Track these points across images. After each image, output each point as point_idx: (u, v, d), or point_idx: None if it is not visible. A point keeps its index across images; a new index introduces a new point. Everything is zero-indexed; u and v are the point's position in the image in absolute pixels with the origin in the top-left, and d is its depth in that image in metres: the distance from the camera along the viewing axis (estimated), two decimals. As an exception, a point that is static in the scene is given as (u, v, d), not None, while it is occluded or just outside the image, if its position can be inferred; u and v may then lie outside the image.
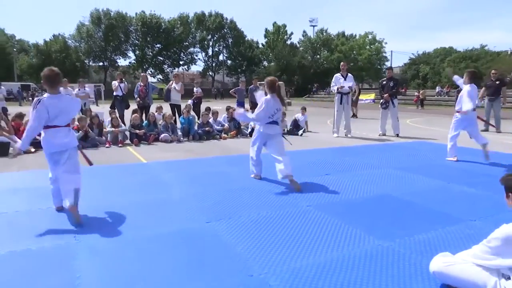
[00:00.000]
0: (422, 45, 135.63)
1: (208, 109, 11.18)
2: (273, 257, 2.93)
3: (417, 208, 4.15)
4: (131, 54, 57.30)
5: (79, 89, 11.89)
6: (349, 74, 10.35)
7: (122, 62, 59.03)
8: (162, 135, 9.35)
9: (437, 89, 35.36)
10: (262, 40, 58.84)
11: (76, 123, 8.67)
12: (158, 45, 56.57)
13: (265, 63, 58.20)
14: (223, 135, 10.00)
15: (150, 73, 59.77)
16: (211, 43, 58.19)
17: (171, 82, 12.59)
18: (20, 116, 9.10)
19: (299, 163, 6.55)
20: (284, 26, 55.23)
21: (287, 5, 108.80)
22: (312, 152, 7.96)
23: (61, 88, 11.50)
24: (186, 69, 60.06)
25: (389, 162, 6.68)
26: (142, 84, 11.92)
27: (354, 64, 51.62)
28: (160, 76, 59.85)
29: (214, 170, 6.12)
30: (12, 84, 42.39)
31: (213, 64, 59.18)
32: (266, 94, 5.33)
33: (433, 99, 31.64)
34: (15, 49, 51.67)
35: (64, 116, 3.95)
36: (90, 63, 56.65)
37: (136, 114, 9.56)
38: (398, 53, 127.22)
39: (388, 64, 53.70)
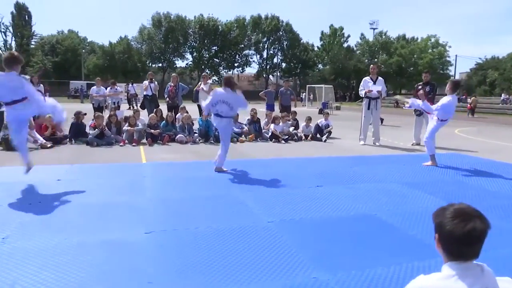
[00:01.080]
0: (491, 49, 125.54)
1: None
2: (175, 284, 2.54)
3: (395, 233, 3.52)
4: (188, 56, 59.13)
5: (110, 88, 12.22)
6: (379, 78, 9.56)
7: (179, 63, 61.10)
8: (178, 136, 9.24)
9: (502, 96, 32.17)
10: (317, 43, 57.86)
11: (93, 120, 8.82)
12: (214, 47, 57.76)
13: (320, 66, 57.11)
14: (241, 138, 9.67)
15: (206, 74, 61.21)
16: (266, 46, 58.29)
17: (199, 83, 12.55)
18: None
19: (299, 172, 6.08)
20: (341, 28, 53.77)
21: (345, 8, 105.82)
22: (323, 160, 7.37)
23: (94, 87, 11.94)
24: (241, 71, 60.74)
25: (401, 176, 5.95)
26: (172, 84, 11.98)
27: (414, 68, 48.94)
28: (215, 78, 61.06)
29: (203, 174, 5.82)
30: (79, 83, 45.80)
31: (267, 67, 59.22)
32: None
33: (497, 107, 28.82)
34: (84, 50, 55.36)
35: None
36: (150, 64, 59.15)
37: (153, 114, 9.55)
38: (464, 57, 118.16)
39: (451, 69, 50.27)
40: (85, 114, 9.50)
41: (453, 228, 1.51)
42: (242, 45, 57.55)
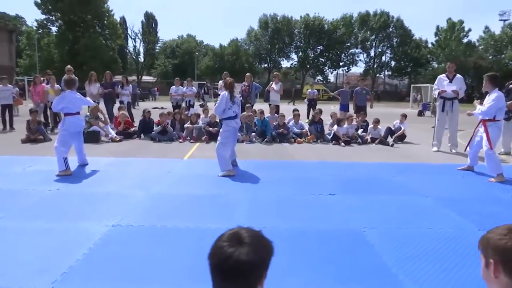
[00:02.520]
0: None
1: (295, 110, 10.65)
2: (81, 278, 2.57)
3: (364, 256, 3.01)
4: (293, 56, 59.44)
5: (187, 87, 12.95)
6: (457, 76, 8.33)
7: (284, 63, 61.86)
8: (235, 134, 9.35)
9: None
10: (432, 39, 53.01)
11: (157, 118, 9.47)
12: (319, 47, 57.06)
13: (434, 64, 52.06)
14: (299, 139, 9.36)
15: (310, 74, 60.95)
16: (374, 43, 55.45)
17: (271, 82, 12.51)
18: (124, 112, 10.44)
19: (324, 177, 5.63)
20: (461, 22, 48.18)
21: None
22: (364, 166, 6.68)
23: (174, 86, 12.76)
24: (346, 70, 58.92)
25: (444, 189, 5.09)
26: (246, 84, 12.19)
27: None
28: (320, 77, 60.35)
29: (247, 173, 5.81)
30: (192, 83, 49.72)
31: (375, 66, 56.28)
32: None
33: None
34: (197, 53, 59.75)
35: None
36: (257, 65, 61.05)
37: (213, 113, 9.81)
38: None
39: None
40: (149, 111, 10.20)
41: (211, 254, 1.21)
42: (348, 44, 55.69)
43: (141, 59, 65.82)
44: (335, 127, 9.48)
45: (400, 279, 2.63)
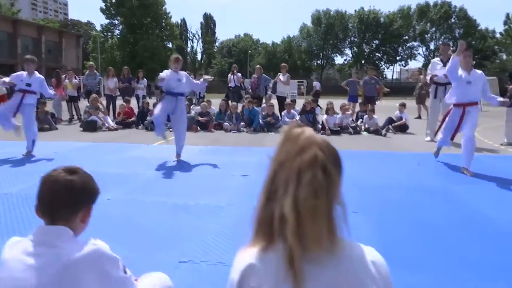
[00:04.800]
0: None
1: (293, 101, 10.43)
2: None
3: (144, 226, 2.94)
4: (348, 51, 57.84)
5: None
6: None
7: (338, 60, 60.38)
8: (224, 124, 9.43)
9: None
10: (500, 28, 48.41)
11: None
12: (375, 41, 54.93)
13: (504, 56, 47.52)
14: (286, 128, 9.16)
15: (365, 69, 58.83)
16: (435, 36, 52.06)
17: (278, 74, 12.34)
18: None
19: (258, 162, 5.47)
20: (536, 8, 43.52)
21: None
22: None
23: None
24: (404, 65, 56.08)
25: (377, 177, 4.74)
26: (255, 76, 12.20)
27: None
28: (374, 74, 58.09)
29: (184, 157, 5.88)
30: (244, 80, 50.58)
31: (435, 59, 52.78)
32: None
33: None
34: (250, 51, 60.40)
35: None
36: (309, 62, 60.30)
37: (204, 103, 9.97)
38: None
39: None
40: (148, 102, 10.57)
41: None
42: (406, 37, 52.91)
43: (199, 58, 68.20)
44: (325, 116, 9.15)
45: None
